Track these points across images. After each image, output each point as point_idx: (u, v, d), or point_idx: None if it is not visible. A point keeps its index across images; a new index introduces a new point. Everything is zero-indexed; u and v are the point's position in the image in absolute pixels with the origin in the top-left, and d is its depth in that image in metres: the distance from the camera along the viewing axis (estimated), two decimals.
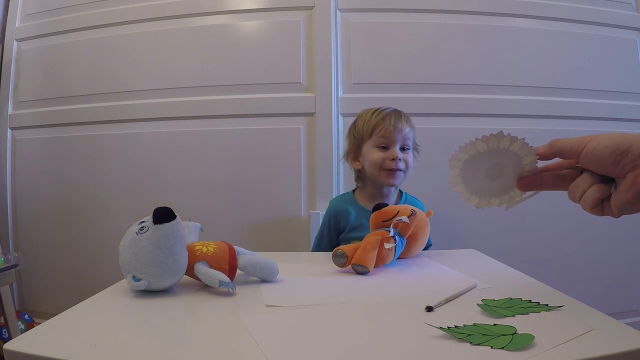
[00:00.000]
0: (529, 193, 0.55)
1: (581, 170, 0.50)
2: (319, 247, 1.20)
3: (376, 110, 1.13)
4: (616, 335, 0.44)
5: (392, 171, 1.07)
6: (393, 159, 1.06)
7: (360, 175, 1.18)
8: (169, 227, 0.61)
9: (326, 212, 1.21)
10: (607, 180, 0.48)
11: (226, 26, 1.59)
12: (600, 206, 0.48)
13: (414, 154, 1.14)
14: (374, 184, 1.13)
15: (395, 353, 0.41)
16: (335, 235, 1.16)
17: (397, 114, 1.11)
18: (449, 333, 0.44)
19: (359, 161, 1.15)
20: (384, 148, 1.08)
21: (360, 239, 1.08)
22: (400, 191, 1.20)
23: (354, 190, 1.21)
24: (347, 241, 1.11)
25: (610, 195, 0.48)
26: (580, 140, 0.47)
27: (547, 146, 0.50)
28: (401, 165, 1.07)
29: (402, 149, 1.09)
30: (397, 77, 1.55)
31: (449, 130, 1.53)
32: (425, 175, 1.54)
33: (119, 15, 1.66)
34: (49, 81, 1.72)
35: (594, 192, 0.48)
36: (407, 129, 1.09)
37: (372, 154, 1.09)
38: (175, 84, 1.60)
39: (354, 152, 1.16)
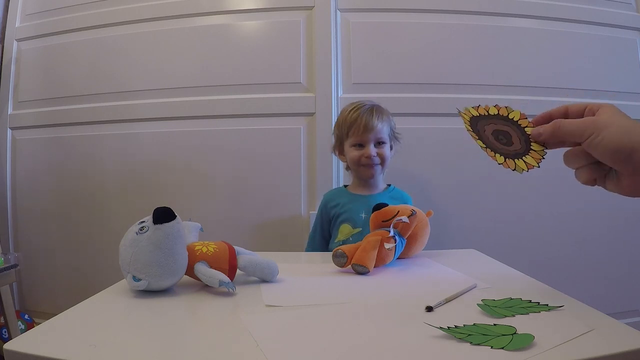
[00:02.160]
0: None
1: None
2: (312, 239, 1.29)
3: (354, 107, 1.20)
4: (616, 335, 0.44)
5: (369, 166, 1.17)
6: (367, 157, 1.16)
7: (348, 166, 1.28)
8: (169, 227, 0.61)
9: (320, 203, 1.30)
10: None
11: (226, 26, 1.59)
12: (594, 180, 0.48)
13: (393, 143, 1.24)
14: (359, 176, 1.24)
15: (395, 353, 0.41)
16: (327, 227, 1.25)
17: (370, 112, 1.18)
18: (449, 333, 0.44)
19: (344, 155, 1.25)
20: (360, 146, 1.18)
21: (349, 220, 1.18)
22: (388, 184, 1.28)
23: (346, 186, 1.29)
24: (339, 224, 1.20)
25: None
26: (584, 127, 0.45)
27: (549, 131, 0.49)
28: (376, 160, 1.17)
29: (377, 143, 1.18)
30: (397, 77, 1.55)
31: (449, 130, 1.53)
32: (425, 175, 1.54)
33: (119, 15, 1.65)
34: (49, 81, 1.72)
35: (589, 172, 0.47)
36: (379, 126, 1.17)
37: (349, 153, 1.20)
38: (175, 84, 1.60)
39: (339, 147, 1.26)
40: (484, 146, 0.54)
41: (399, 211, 0.83)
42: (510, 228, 1.55)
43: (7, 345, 0.43)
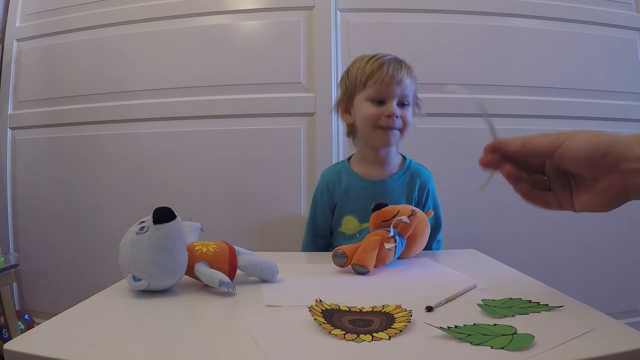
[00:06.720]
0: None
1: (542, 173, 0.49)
2: (313, 231, 1.08)
3: (373, 56, 0.98)
4: (616, 335, 0.44)
5: (387, 129, 0.94)
6: (389, 116, 0.93)
7: (352, 129, 1.06)
8: (169, 227, 0.61)
9: (317, 185, 1.08)
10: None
11: (226, 26, 1.59)
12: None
13: (414, 109, 1.01)
14: (367, 145, 1.01)
15: (395, 353, 0.41)
16: (330, 211, 1.05)
17: (397, 62, 0.96)
18: (449, 333, 0.44)
19: (350, 114, 1.01)
20: (379, 102, 0.95)
21: (355, 212, 0.99)
22: (404, 156, 1.06)
23: (349, 158, 1.08)
24: (342, 215, 1.02)
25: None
26: (554, 139, 0.45)
27: (519, 143, 0.48)
28: (398, 123, 0.94)
29: (401, 104, 0.96)
30: None
31: (449, 130, 1.53)
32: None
33: (119, 15, 1.65)
34: (49, 81, 1.72)
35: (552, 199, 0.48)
36: (407, 81, 0.95)
37: (364, 108, 0.95)
38: (175, 84, 1.60)
39: (345, 103, 1.02)
40: (331, 328, 0.46)
41: (399, 211, 0.83)
42: (510, 228, 1.55)
43: (7, 345, 0.43)
